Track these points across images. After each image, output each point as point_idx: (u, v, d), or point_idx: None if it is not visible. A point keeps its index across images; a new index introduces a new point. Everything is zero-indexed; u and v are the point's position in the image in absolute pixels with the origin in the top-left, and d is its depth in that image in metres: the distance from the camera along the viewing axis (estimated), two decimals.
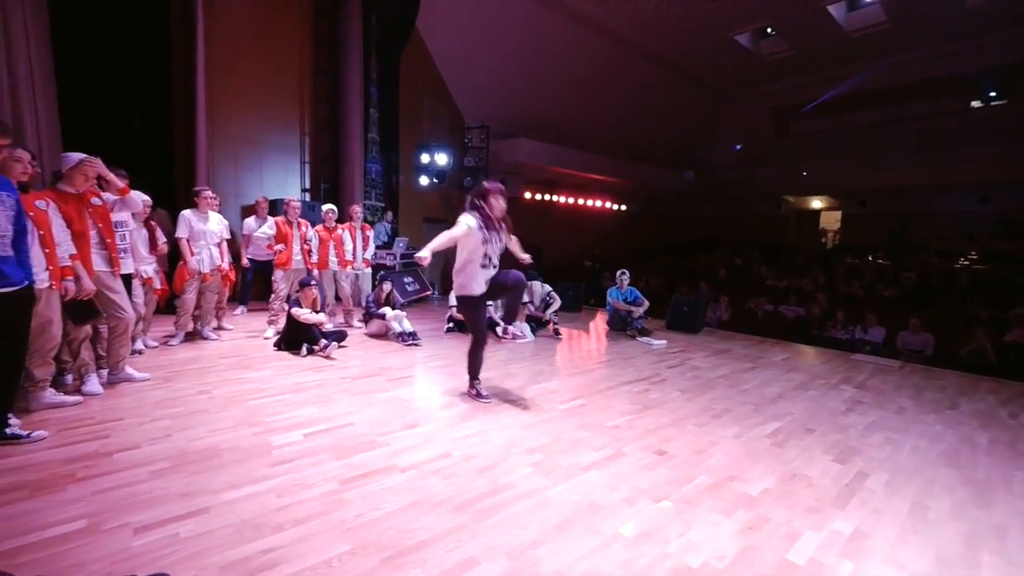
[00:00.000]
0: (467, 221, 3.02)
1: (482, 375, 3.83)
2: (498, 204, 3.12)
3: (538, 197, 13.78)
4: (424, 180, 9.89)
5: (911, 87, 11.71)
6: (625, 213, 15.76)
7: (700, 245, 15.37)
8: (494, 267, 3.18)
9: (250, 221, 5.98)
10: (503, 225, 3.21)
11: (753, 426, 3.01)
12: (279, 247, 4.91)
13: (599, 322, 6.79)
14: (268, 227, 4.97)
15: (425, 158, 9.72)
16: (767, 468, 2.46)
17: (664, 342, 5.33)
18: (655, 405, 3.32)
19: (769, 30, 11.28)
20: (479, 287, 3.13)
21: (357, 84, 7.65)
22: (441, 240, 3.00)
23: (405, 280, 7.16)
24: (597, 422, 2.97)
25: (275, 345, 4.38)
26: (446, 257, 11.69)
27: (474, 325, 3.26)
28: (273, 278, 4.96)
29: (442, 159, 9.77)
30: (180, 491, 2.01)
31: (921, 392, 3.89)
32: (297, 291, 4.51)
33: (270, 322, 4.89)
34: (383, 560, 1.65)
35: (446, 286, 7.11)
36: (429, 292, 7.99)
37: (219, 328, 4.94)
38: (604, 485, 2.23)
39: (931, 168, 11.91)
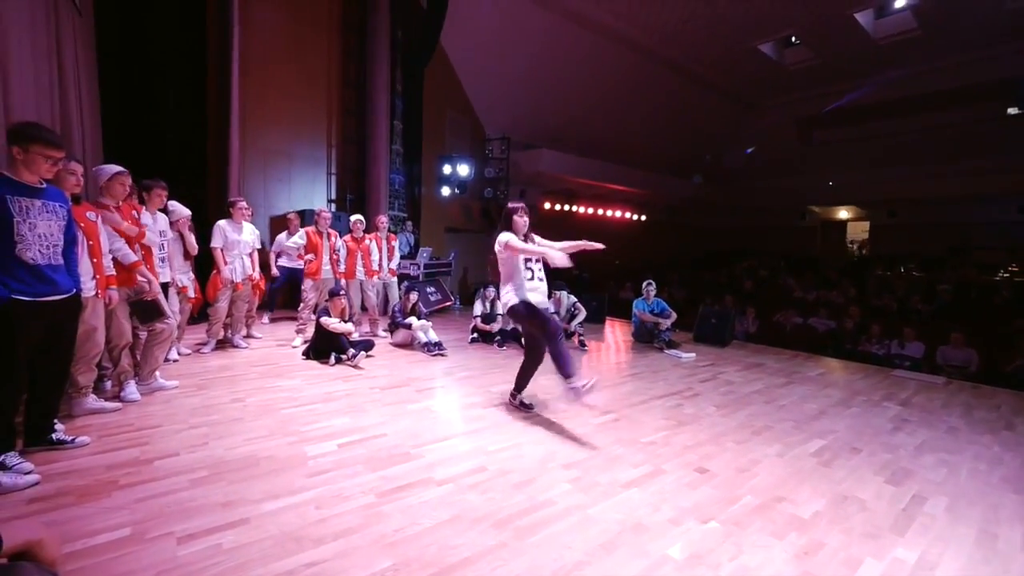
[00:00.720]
0: (507, 239, 3.10)
1: (510, 386, 3.80)
2: (522, 221, 3.22)
3: (557, 207, 13.78)
4: (446, 191, 9.98)
5: (943, 94, 11.39)
6: (646, 223, 15.63)
7: (723, 256, 15.11)
8: (540, 280, 3.19)
9: (282, 237, 6.12)
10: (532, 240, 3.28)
11: (796, 444, 2.89)
12: (309, 257, 4.98)
13: (619, 333, 6.69)
14: (299, 237, 5.05)
15: (447, 169, 9.81)
16: (815, 489, 2.35)
17: (693, 355, 5.20)
18: (690, 421, 3.22)
19: (793, 39, 11.16)
20: (532, 296, 3.10)
21: (383, 97, 7.79)
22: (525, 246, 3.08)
23: (427, 290, 7.19)
24: (632, 437, 2.90)
25: (303, 354, 4.41)
26: (465, 267, 11.79)
27: (528, 337, 3.26)
28: (303, 287, 5.03)
29: (464, 170, 9.85)
30: (220, 500, 2.01)
31: (971, 411, 3.71)
32: (326, 300, 4.55)
33: (298, 331, 4.94)
34: None
35: (467, 296, 7.12)
36: (451, 302, 8.02)
37: (248, 336, 5.01)
38: (646, 504, 2.15)
39: (966, 177, 11.54)
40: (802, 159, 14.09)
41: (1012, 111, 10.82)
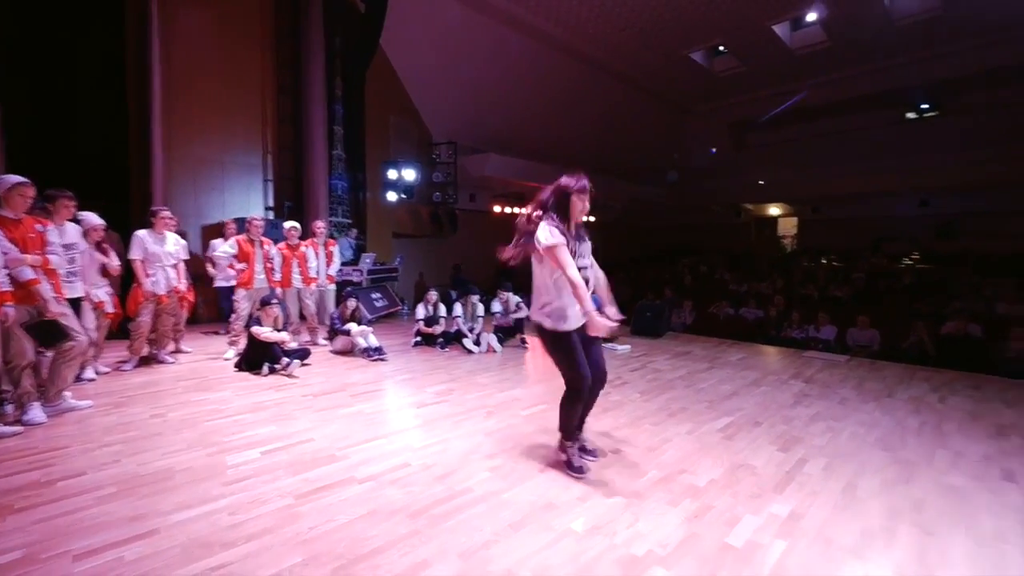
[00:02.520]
0: (550, 230, 2.19)
1: (447, 385, 3.89)
2: (581, 206, 2.31)
3: (507, 210, 13.98)
4: (392, 196, 9.91)
5: (853, 101, 12.49)
6: (596, 225, 16.10)
7: (668, 254, 15.81)
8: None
9: (216, 242, 5.91)
10: (583, 234, 2.38)
11: (706, 422, 3.14)
12: (240, 266, 4.85)
13: None
14: (229, 245, 4.90)
15: (393, 174, 9.76)
16: (716, 460, 2.58)
17: (628, 347, 5.47)
18: (614, 407, 3.42)
19: (721, 48, 11.88)
20: (575, 320, 2.27)
21: (320, 103, 7.68)
22: (579, 281, 2.15)
23: (373, 296, 7.14)
24: (557, 426, 3.03)
25: (236, 366, 4.30)
26: (420, 272, 11.69)
27: (568, 368, 2.33)
28: (234, 297, 4.88)
29: (410, 175, 9.83)
30: (128, 515, 1.97)
31: (863, 383, 4.13)
32: (258, 309, 4.45)
33: (231, 343, 4.79)
34: (335, 568, 1.67)
35: (418, 300, 7.09)
36: (399, 307, 7.98)
37: (177, 351, 4.82)
38: (560, 486, 2.29)
39: (876, 176, 12.67)
40: (735, 161, 14.99)
41: (910, 116, 12.00)
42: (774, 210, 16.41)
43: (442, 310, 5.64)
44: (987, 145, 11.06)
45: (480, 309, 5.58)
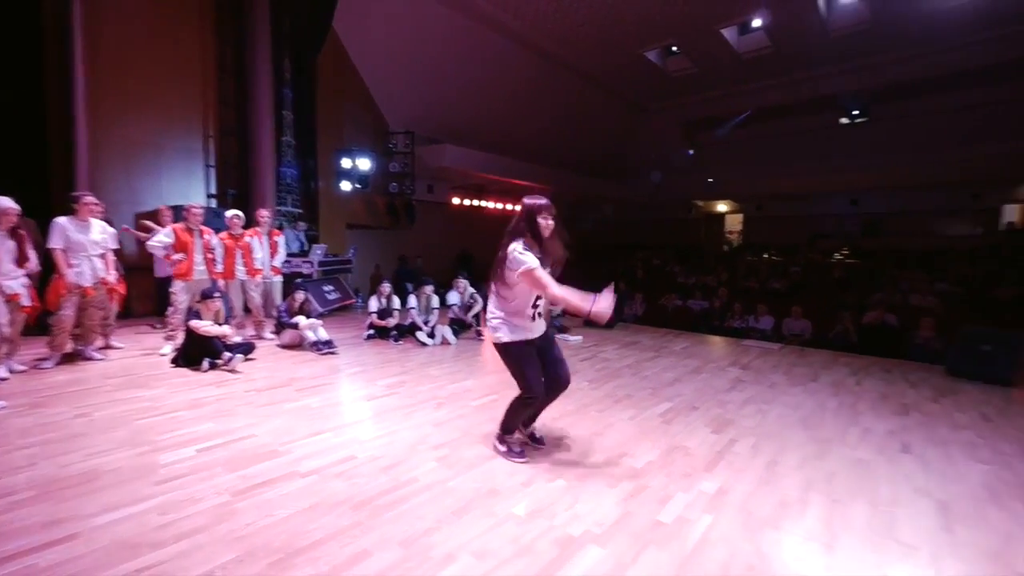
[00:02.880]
0: (520, 253, 2.26)
1: (398, 378, 3.87)
2: (546, 224, 2.37)
3: (466, 203, 13.90)
4: (346, 185, 9.62)
5: (794, 105, 13.24)
6: (555, 218, 16.28)
7: (623, 248, 16.25)
8: (539, 315, 2.43)
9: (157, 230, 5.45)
10: (550, 255, 2.42)
11: (648, 408, 3.30)
12: (178, 256, 4.58)
13: None
14: (165, 235, 4.60)
15: (347, 163, 9.47)
16: (654, 443, 2.72)
17: (580, 338, 5.62)
18: (562, 396, 3.50)
19: (674, 48, 12.25)
20: (531, 332, 2.40)
21: (267, 86, 7.33)
22: (560, 295, 2.23)
23: (325, 288, 6.94)
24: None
25: (172, 362, 4.08)
26: (377, 264, 11.43)
27: (520, 379, 2.44)
28: (171, 289, 4.61)
29: (365, 164, 9.58)
30: (44, 520, 1.85)
31: (792, 369, 4.46)
32: (198, 302, 4.23)
33: (168, 338, 4.54)
34: (271, 563, 1.65)
35: (373, 292, 6.95)
36: (353, 300, 7.80)
37: (107, 347, 4.51)
38: (505, 472, 2.35)
39: (811, 176, 13.53)
40: (687, 158, 15.56)
41: (843, 121, 12.87)
42: (722, 207, 17.20)
43: (396, 302, 5.58)
44: (908, 150, 12.06)
45: (435, 301, 5.56)
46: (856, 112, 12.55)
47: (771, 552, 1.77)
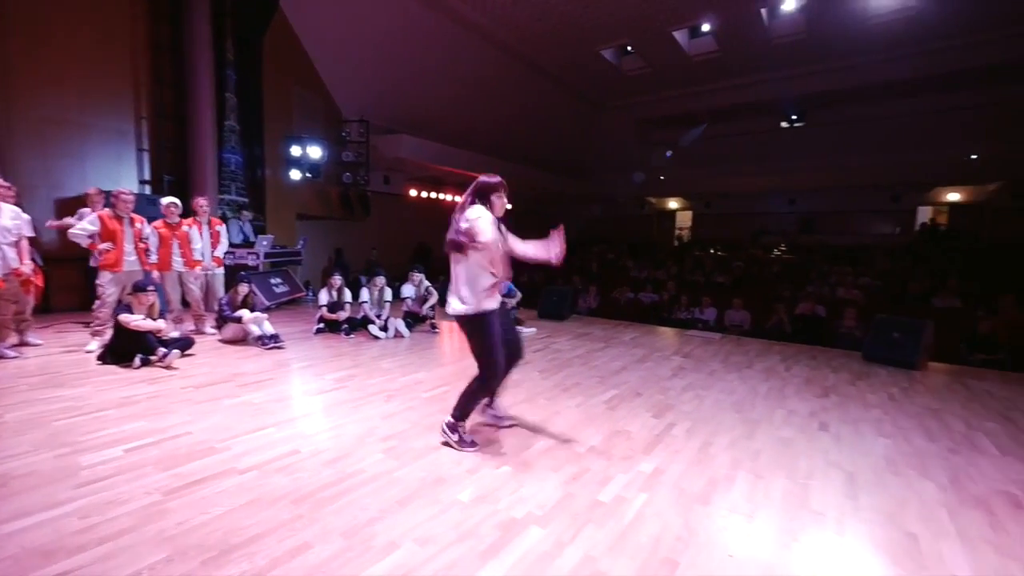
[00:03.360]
0: (481, 218, 2.36)
1: (348, 371, 3.81)
2: (501, 204, 2.52)
3: (424, 195, 13.71)
4: (296, 174, 9.24)
5: (739, 108, 13.93)
6: (513, 213, 16.36)
7: (580, 243, 16.57)
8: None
9: (83, 212, 4.96)
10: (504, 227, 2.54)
11: (595, 395, 3.42)
12: (104, 246, 4.26)
13: None
14: (89, 222, 4.26)
15: (296, 151, 9.08)
16: (598, 429, 2.83)
17: (534, 329, 5.71)
18: (513, 385, 3.57)
19: (629, 48, 12.55)
20: (493, 301, 2.44)
21: (207, 66, 6.90)
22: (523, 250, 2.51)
23: (272, 281, 6.67)
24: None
25: (99, 359, 3.81)
26: (329, 256, 11.06)
27: (487, 353, 2.44)
28: (98, 282, 4.28)
29: (316, 152, 9.23)
30: None
31: (730, 357, 4.74)
32: (129, 295, 3.97)
33: (94, 333, 4.23)
34: (204, 561, 1.60)
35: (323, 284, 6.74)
36: (303, 294, 7.54)
37: (22, 345, 4.15)
38: (452, 461, 2.38)
39: (754, 176, 14.32)
40: (641, 156, 16.03)
41: (784, 125, 13.68)
42: (673, 204, 17.88)
43: (347, 295, 5.45)
44: (839, 154, 12.98)
45: (388, 294, 5.48)
46: (794, 117, 13.38)
47: (698, 525, 1.90)
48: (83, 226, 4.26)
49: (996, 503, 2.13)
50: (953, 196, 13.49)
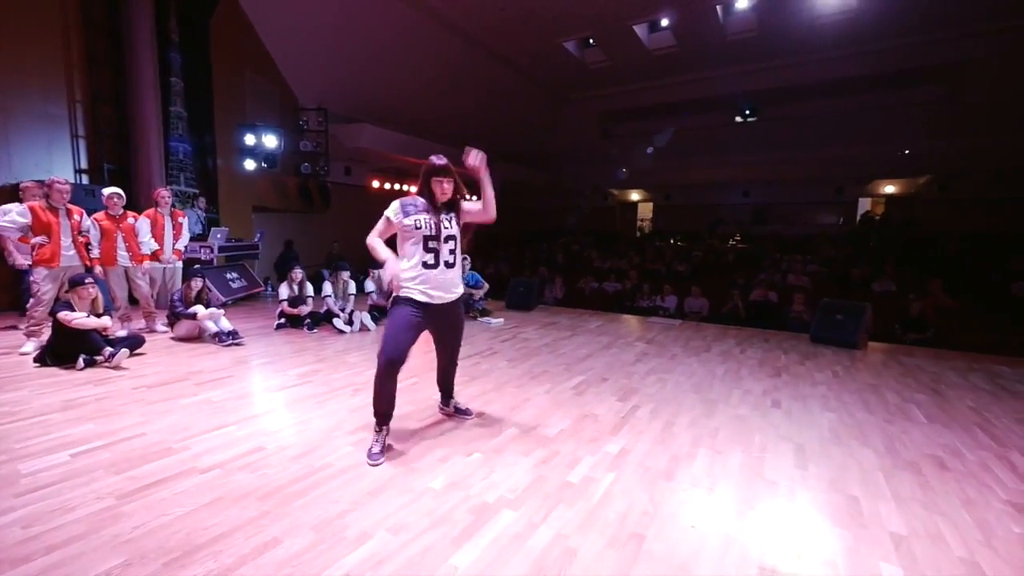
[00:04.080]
0: (387, 212, 2.39)
1: (312, 367, 3.73)
2: (440, 190, 2.38)
3: (387, 187, 13.42)
4: (250, 164, 8.84)
5: (696, 102, 14.36)
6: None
7: (545, 234, 16.72)
8: (446, 265, 2.38)
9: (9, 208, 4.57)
10: (455, 206, 2.45)
11: (562, 381, 3.50)
12: (38, 240, 3.95)
13: None
14: (19, 213, 3.92)
15: (250, 139, 8.68)
16: (566, 413, 2.90)
17: (501, 320, 5.75)
18: (482, 375, 3.61)
19: (591, 41, 12.67)
20: (415, 289, 2.37)
21: (148, 47, 6.46)
22: (375, 246, 2.38)
23: (228, 276, 6.38)
24: (426, 397, 3.12)
25: (36, 361, 3.55)
26: (282, 252, 10.64)
27: (384, 335, 2.35)
28: (32, 278, 3.97)
29: (271, 141, 8.85)
30: None
31: (689, 342, 4.95)
32: (66, 291, 3.70)
33: (29, 334, 3.92)
34: (166, 563, 1.54)
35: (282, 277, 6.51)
36: (261, 288, 7.26)
37: None
38: (423, 450, 2.38)
39: (711, 169, 14.85)
40: (603, 149, 16.29)
41: (738, 119, 14.22)
42: (635, 196, 18.29)
43: (309, 289, 5.29)
44: (788, 148, 13.64)
45: (352, 287, 5.36)
46: (748, 112, 13.93)
47: (663, 499, 1.99)
48: (12, 218, 3.93)
49: (924, 465, 2.34)
50: (889, 188, 14.48)
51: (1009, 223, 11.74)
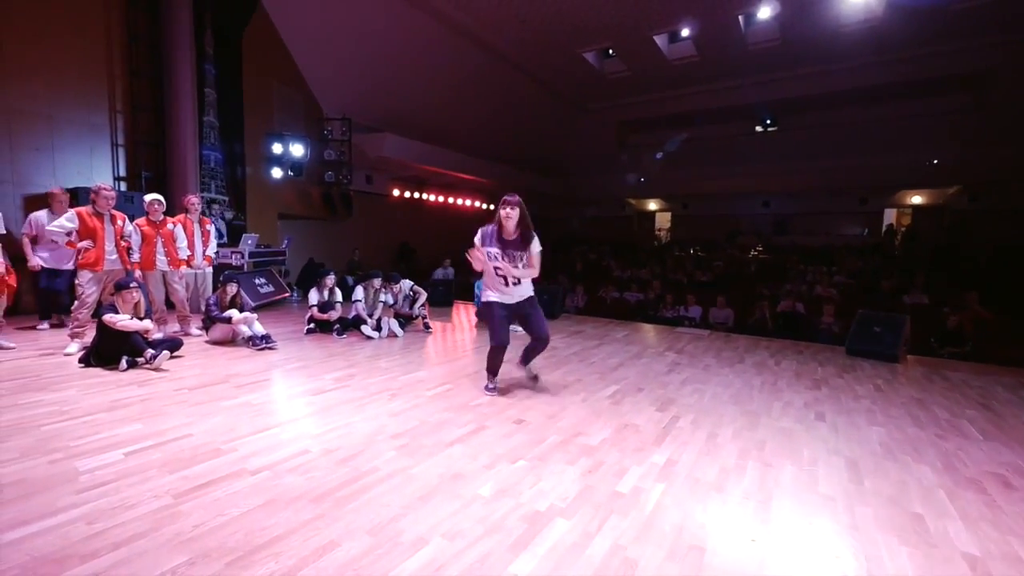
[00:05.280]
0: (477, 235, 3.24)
1: (346, 371, 3.77)
2: (505, 215, 3.14)
3: (407, 195, 13.58)
4: (277, 172, 9.04)
5: (716, 112, 14.31)
6: (491, 216, 16.36)
7: (564, 242, 16.72)
8: (514, 283, 3.19)
9: (40, 215, 4.78)
10: (520, 244, 3.17)
11: (597, 390, 3.46)
12: (84, 244, 4.07)
13: (464, 314, 7.00)
14: (67, 219, 4.06)
15: (278, 148, 8.88)
16: (606, 422, 2.86)
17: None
18: (516, 383, 3.59)
19: (611, 51, 12.74)
20: (494, 295, 3.23)
21: (187, 59, 6.67)
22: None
23: (256, 281, 6.50)
24: (462, 403, 3.12)
25: (81, 361, 3.64)
26: (311, 256, 10.82)
27: (489, 329, 3.32)
28: (78, 281, 4.09)
29: (298, 150, 9.04)
30: None
31: (721, 352, 4.87)
32: (111, 295, 3.80)
33: (73, 335, 4.03)
34: (229, 563, 1.54)
35: (310, 286, 6.59)
36: (288, 294, 7.37)
37: None
38: (466, 456, 2.37)
39: (731, 178, 14.73)
40: (620, 158, 16.29)
41: (758, 129, 14.12)
42: (652, 205, 18.22)
43: (338, 295, 5.35)
44: (809, 158, 13.49)
45: (383, 295, 5.40)
46: (768, 121, 13.83)
47: (718, 511, 1.95)
48: (60, 223, 4.06)
49: (988, 484, 2.25)
50: (916, 199, 14.19)
51: None
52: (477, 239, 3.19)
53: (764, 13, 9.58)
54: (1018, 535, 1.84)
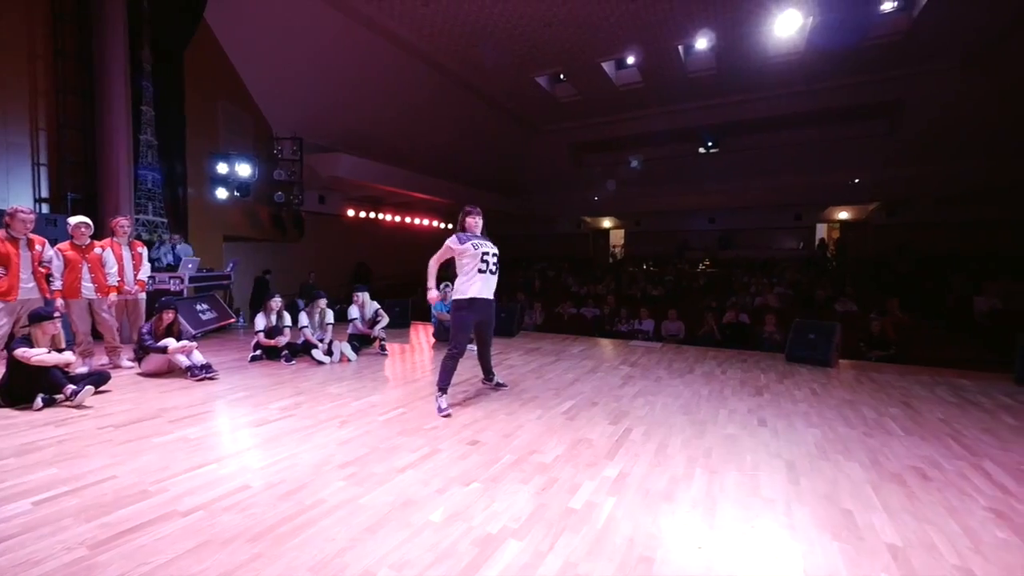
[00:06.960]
0: (448, 242, 3.43)
1: (293, 399, 3.61)
2: (473, 221, 3.54)
3: (362, 215, 13.37)
4: (223, 193, 8.67)
5: (662, 134, 15.10)
6: (451, 232, 16.37)
7: (521, 260, 16.89)
8: (492, 272, 3.46)
9: None
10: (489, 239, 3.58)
11: (552, 407, 3.48)
12: None
13: (422, 335, 6.90)
14: None
15: (223, 168, 8.55)
16: (560, 439, 2.88)
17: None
18: (471, 403, 3.56)
19: (562, 76, 13.22)
20: (478, 285, 3.36)
21: (121, 75, 6.34)
22: (431, 269, 3.47)
23: (198, 307, 6.14)
24: (416, 426, 3.05)
25: None
26: (254, 288, 10.33)
27: (453, 331, 3.43)
28: None
29: (245, 170, 8.73)
30: None
31: (672, 364, 5.03)
32: (24, 327, 3.47)
33: None
34: None
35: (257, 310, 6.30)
36: (233, 320, 6.99)
37: None
38: (418, 482, 2.31)
39: (679, 196, 15.50)
40: (575, 178, 16.79)
41: (701, 150, 14.99)
42: (607, 223, 18.82)
43: (286, 319, 5.14)
44: (749, 177, 14.43)
45: (330, 316, 5.24)
46: (710, 143, 14.72)
47: (668, 521, 1.99)
48: None
49: (908, 477, 2.43)
50: (843, 214, 15.44)
51: (951, 245, 12.67)
52: (454, 243, 3.41)
53: (701, 44, 10.28)
54: (933, 523, 1.99)
